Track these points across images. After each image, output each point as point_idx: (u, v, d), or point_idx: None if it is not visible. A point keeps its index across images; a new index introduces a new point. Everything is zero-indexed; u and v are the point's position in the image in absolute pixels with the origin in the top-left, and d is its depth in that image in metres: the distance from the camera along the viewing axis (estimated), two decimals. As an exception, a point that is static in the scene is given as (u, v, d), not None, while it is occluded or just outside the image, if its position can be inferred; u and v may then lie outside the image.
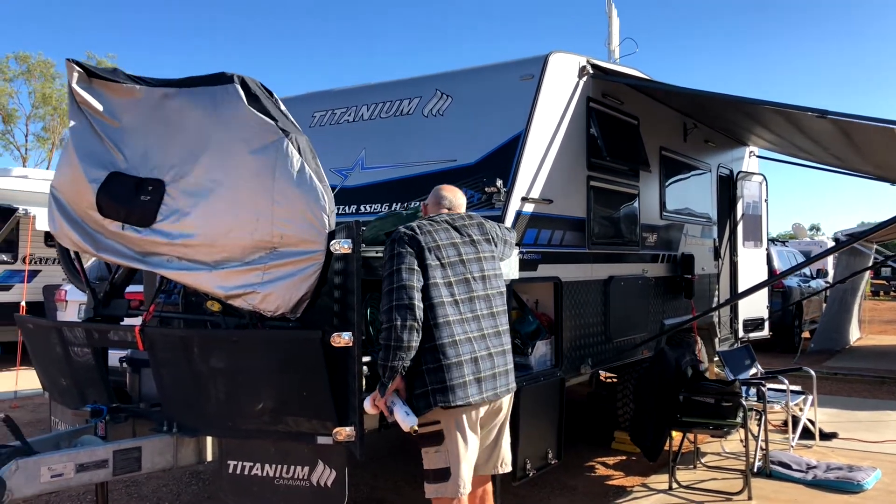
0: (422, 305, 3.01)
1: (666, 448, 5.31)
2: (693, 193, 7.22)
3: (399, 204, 4.92)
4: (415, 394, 3.05)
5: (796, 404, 6.43)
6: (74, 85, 3.73)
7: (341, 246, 3.20)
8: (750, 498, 4.86)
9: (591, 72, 5.20)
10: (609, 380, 7.32)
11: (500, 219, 4.20)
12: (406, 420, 2.97)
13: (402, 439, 6.01)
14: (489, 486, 3.40)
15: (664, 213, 6.46)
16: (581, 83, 5.12)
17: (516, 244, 3.69)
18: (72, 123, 3.82)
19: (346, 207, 5.07)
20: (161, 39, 57.80)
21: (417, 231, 3.16)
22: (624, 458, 5.96)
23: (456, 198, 3.50)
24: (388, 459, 5.81)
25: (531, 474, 4.34)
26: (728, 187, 8.20)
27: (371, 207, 5.07)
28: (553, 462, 4.61)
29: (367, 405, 3.10)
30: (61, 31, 49.22)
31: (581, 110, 5.10)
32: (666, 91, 5.97)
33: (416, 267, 3.06)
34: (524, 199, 4.42)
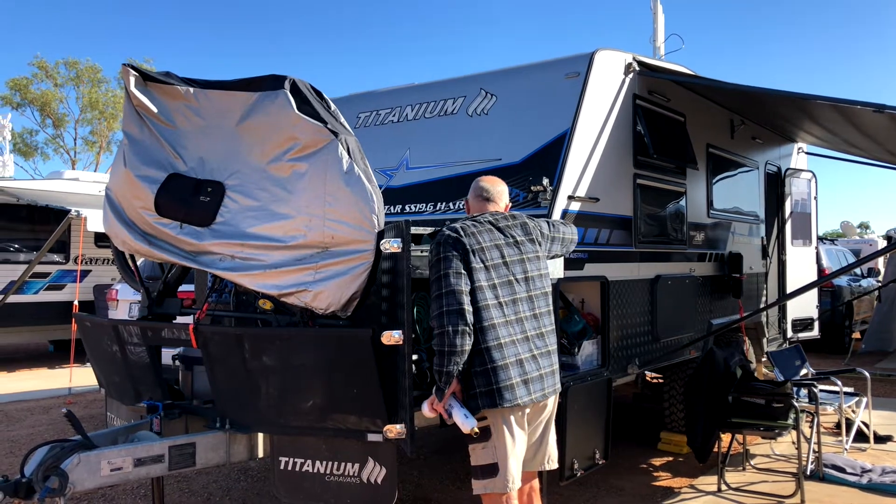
0: (471, 309, 3.01)
1: (714, 450, 5.23)
2: (740, 191, 7.10)
3: (444, 203, 4.94)
4: (467, 394, 3.06)
5: (849, 406, 6.28)
6: (132, 88, 3.82)
7: (391, 245, 3.23)
8: (803, 502, 4.76)
9: (637, 69, 5.15)
10: (654, 380, 7.24)
11: (546, 217, 4.18)
12: (466, 423, 2.98)
13: (446, 438, 6.05)
14: (536, 483, 3.40)
15: (711, 212, 6.36)
16: (627, 80, 5.08)
17: (569, 239, 3.64)
18: (128, 126, 3.91)
19: (392, 207, 5.11)
20: (203, 42, 58.78)
21: (461, 233, 3.16)
22: (670, 458, 5.89)
23: (495, 187, 3.47)
24: (434, 457, 5.83)
25: (578, 474, 4.32)
26: (776, 185, 8.04)
27: (416, 207, 5.09)
28: (600, 462, 4.58)
29: (426, 409, 3.12)
30: (105, 36, 50.38)
31: (627, 107, 5.06)
32: (713, 87, 5.88)
33: (462, 270, 3.06)
34: (570, 198, 4.40)
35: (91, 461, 3.25)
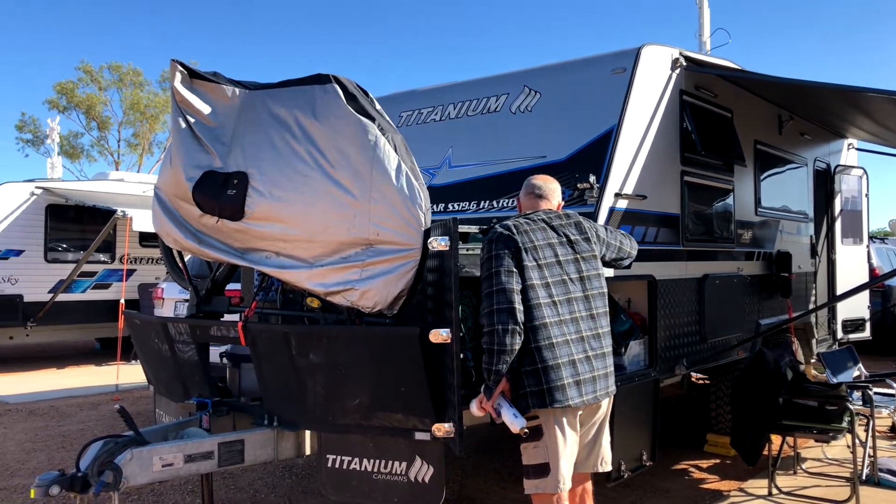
0: (522, 308, 2.98)
1: (764, 452, 5.11)
2: (789, 188, 6.94)
3: (487, 202, 4.91)
4: (517, 394, 3.03)
5: (904, 409, 6.10)
6: (177, 84, 3.86)
7: (439, 243, 3.21)
8: (858, 507, 4.63)
9: (683, 64, 5.05)
10: (700, 381, 7.11)
11: (593, 215, 4.14)
12: (515, 422, 2.95)
13: (489, 437, 6.02)
14: (589, 485, 3.35)
15: (759, 210, 6.23)
16: (674, 76, 4.99)
17: (626, 251, 3.60)
18: (174, 124, 3.95)
19: (434, 206, 5.07)
20: (245, 44, 59.57)
21: (514, 231, 3.12)
22: (718, 461, 5.78)
23: (548, 185, 3.44)
24: (477, 456, 5.81)
25: (626, 475, 4.26)
26: (825, 182, 7.85)
27: (459, 206, 5.07)
28: (647, 464, 4.51)
29: (474, 408, 3.10)
30: (148, 39, 51.34)
31: (674, 103, 4.97)
32: (761, 82, 5.76)
33: (514, 269, 3.03)
34: (617, 195, 4.34)
35: (143, 457, 3.29)
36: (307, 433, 3.85)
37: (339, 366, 3.45)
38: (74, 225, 11.78)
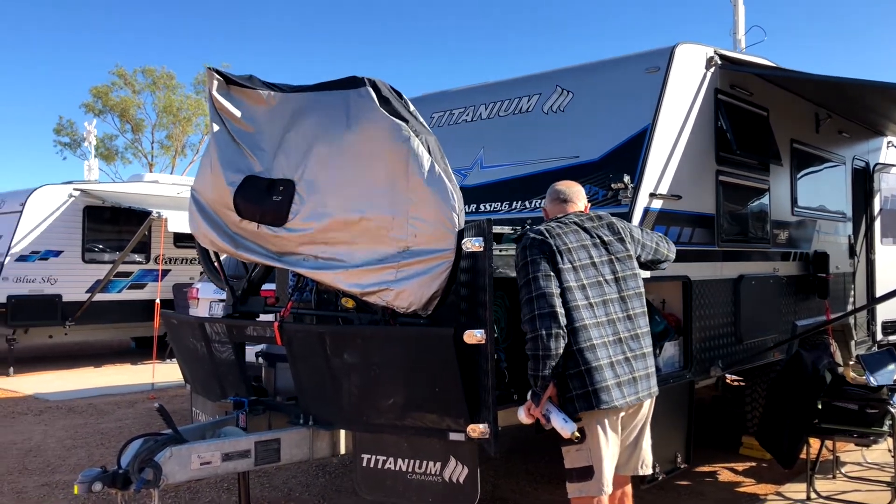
0: (563, 311, 2.96)
1: (802, 456, 5.03)
2: (826, 187, 6.82)
3: (519, 202, 4.90)
4: (563, 398, 3.01)
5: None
6: (214, 92, 3.92)
7: (473, 244, 3.22)
8: (899, 512, 4.54)
9: (718, 62, 5.00)
10: (735, 383, 7.03)
11: (627, 216, 4.11)
12: (566, 427, 2.92)
13: (521, 438, 6.01)
14: (629, 488, 3.33)
15: (795, 209, 6.13)
16: (709, 74, 4.94)
17: (663, 253, 3.57)
18: (212, 128, 4.01)
19: (466, 207, 5.06)
20: (278, 45, 60.15)
21: (547, 234, 3.11)
22: (753, 464, 5.71)
23: (570, 188, 3.43)
24: (510, 458, 5.80)
25: (660, 477, 4.23)
26: (864, 181, 7.70)
27: (490, 206, 5.07)
28: (682, 466, 4.48)
29: (522, 415, 3.06)
30: (179, 42, 52.07)
31: (709, 102, 4.92)
32: (798, 79, 5.67)
33: (551, 272, 3.02)
34: (652, 195, 4.30)
35: (182, 455, 3.34)
36: (342, 433, 3.88)
37: (374, 366, 3.48)
38: (111, 226, 12.00)
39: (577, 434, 2.95)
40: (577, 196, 3.42)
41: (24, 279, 10.84)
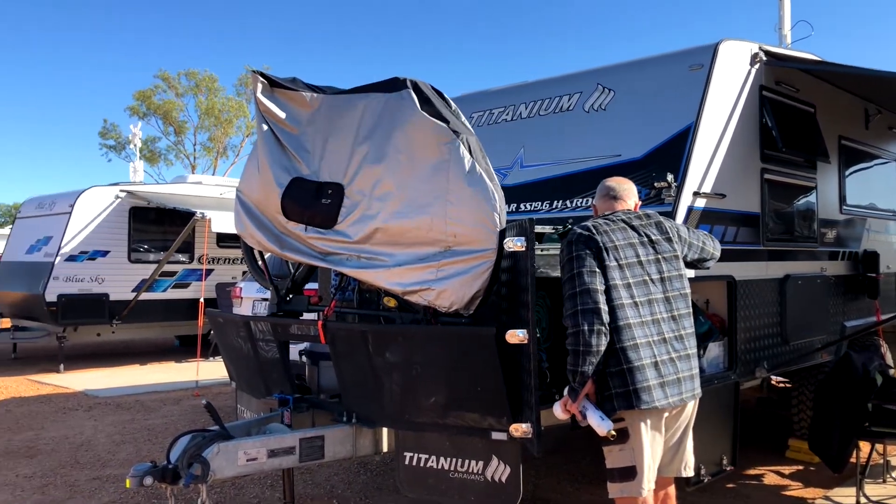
0: (607, 308, 2.94)
1: (851, 460, 4.92)
2: (876, 185, 6.65)
3: (560, 202, 4.89)
4: (602, 396, 3.00)
5: None
6: (259, 95, 3.98)
7: (514, 244, 3.22)
8: (953, 518, 4.42)
9: (763, 59, 4.91)
10: (781, 385, 6.90)
11: (671, 214, 4.07)
12: (602, 425, 2.92)
13: (562, 437, 5.99)
14: (672, 490, 3.30)
15: (844, 207, 6.00)
16: (753, 71, 4.86)
17: (709, 251, 3.53)
18: (258, 130, 4.08)
19: (506, 206, 5.08)
20: (318, 47, 60.73)
21: (594, 231, 3.09)
22: (801, 467, 5.60)
23: (622, 186, 3.39)
24: (551, 457, 5.78)
25: (705, 480, 4.18)
26: (915, 178, 7.48)
27: (531, 206, 5.06)
28: (728, 468, 4.42)
29: (558, 410, 3.07)
30: (221, 45, 52.93)
31: (754, 99, 4.84)
32: (846, 74, 5.54)
33: (596, 269, 2.99)
34: (696, 194, 4.25)
35: (229, 451, 3.41)
36: (384, 430, 3.91)
37: (416, 364, 3.50)
38: (156, 227, 12.24)
39: (613, 433, 2.92)
40: (628, 194, 3.39)
41: (74, 278, 11.12)
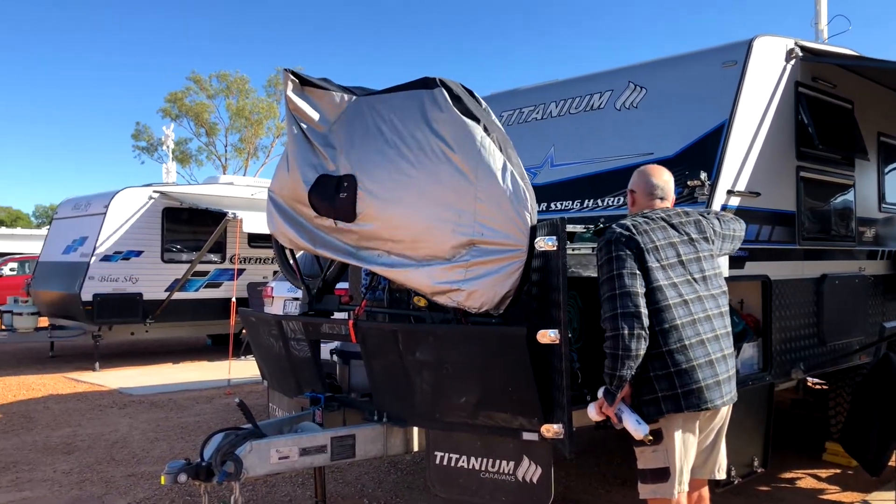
0: (646, 311, 2.88)
1: (891, 463, 4.82)
2: (916, 183, 6.49)
3: (591, 201, 4.85)
4: (643, 399, 2.95)
5: None
6: (289, 93, 4.01)
7: (546, 243, 3.20)
8: None
9: (799, 54, 4.82)
10: (817, 386, 6.77)
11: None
12: (638, 429, 2.88)
13: (593, 439, 5.95)
14: (706, 491, 3.26)
15: (883, 206, 5.87)
16: (788, 67, 4.77)
17: (738, 236, 3.47)
18: (288, 129, 4.11)
19: (537, 205, 5.06)
20: (348, 49, 61.10)
21: (634, 231, 3.01)
22: (838, 471, 5.49)
23: (668, 186, 3.30)
24: (582, 458, 5.74)
25: (735, 482, 4.12)
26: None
27: (561, 205, 5.03)
28: (759, 470, 4.35)
29: (593, 412, 3.03)
30: (252, 47, 53.49)
31: (789, 96, 4.76)
32: (886, 70, 5.41)
33: (637, 271, 2.92)
34: (730, 193, 4.19)
35: (262, 449, 3.44)
36: (415, 430, 3.91)
37: (446, 364, 3.49)
38: (188, 227, 12.40)
39: (650, 437, 2.88)
40: (670, 193, 3.31)
41: (108, 278, 11.31)
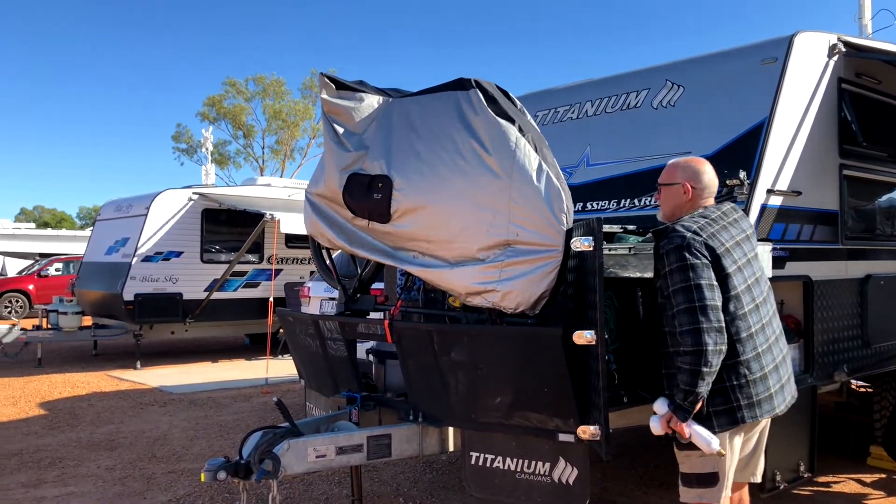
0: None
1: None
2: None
3: (628, 200, 4.81)
4: (713, 410, 2.83)
5: None
6: (325, 96, 4.04)
7: (582, 244, 3.18)
8: None
9: (842, 50, 4.72)
10: (861, 389, 6.62)
11: (744, 213, 3.95)
12: (712, 444, 2.75)
13: (630, 441, 5.90)
14: (746, 494, 3.21)
15: (930, 204, 5.71)
16: (831, 63, 4.67)
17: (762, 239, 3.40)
18: (324, 132, 4.14)
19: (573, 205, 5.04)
20: (376, 52, 61.44)
21: (703, 233, 2.87)
22: (883, 475, 5.36)
23: (715, 184, 3.18)
24: (618, 460, 5.70)
25: (781, 487, 4.05)
26: None
27: (597, 205, 4.99)
28: (805, 475, 4.26)
29: (657, 427, 2.87)
30: (288, 49, 54.06)
31: (832, 93, 4.66)
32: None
33: (714, 281, 2.77)
34: (770, 192, 4.12)
35: (299, 447, 3.47)
36: (451, 430, 3.91)
37: (482, 364, 3.49)
38: (227, 228, 12.59)
39: (723, 451, 2.78)
40: (716, 189, 3.20)
41: (149, 278, 11.53)
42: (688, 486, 2.95)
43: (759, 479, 3.23)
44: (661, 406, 2.88)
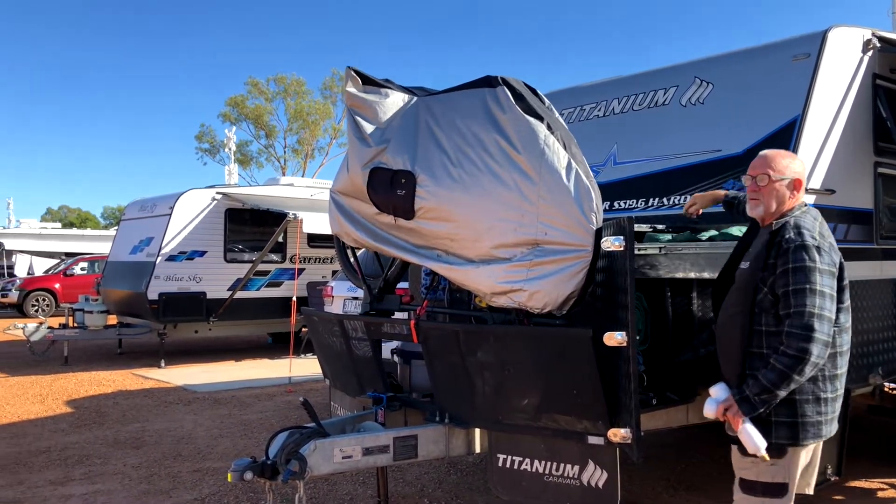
0: None
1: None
2: None
3: (656, 199, 4.74)
4: (776, 420, 2.74)
5: None
6: (350, 90, 4.01)
7: (612, 243, 3.13)
8: None
9: (877, 45, 4.62)
10: (894, 392, 6.48)
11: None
12: (760, 444, 2.68)
13: (658, 443, 5.82)
14: None
15: (967, 203, 5.57)
16: (865, 59, 4.57)
17: None
18: (348, 127, 4.11)
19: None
20: (404, 52, 61.56)
21: (829, 238, 2.76)
22: (917, 481, 5.25)
23: None
24: (647, 463, 5.57)
25: (807, 490, 3.95)
26: None
27: (625, 204, 4.94)
28: (832, 478, 4.16)
29: (711, 411, 2.80)
30: (308, 49, 54.34)
31: (866, 89, 4.55)
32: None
33: (835, 292, 2.69)
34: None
35: (326, 448, 3.46)
36: (477, 431, 3.88)
37: (509, 365, 3.45)
38: (250, 227, 12.65)
39: (767, 457, 2.71)
40: None
41: (173, 277, 11.62)
42: (751, 494, 2.83)
43: (812, 492, 3.14)
44: (720, 391, 2.80)
